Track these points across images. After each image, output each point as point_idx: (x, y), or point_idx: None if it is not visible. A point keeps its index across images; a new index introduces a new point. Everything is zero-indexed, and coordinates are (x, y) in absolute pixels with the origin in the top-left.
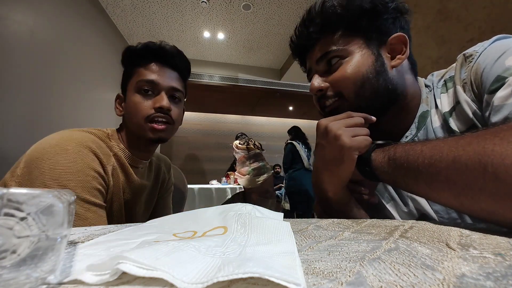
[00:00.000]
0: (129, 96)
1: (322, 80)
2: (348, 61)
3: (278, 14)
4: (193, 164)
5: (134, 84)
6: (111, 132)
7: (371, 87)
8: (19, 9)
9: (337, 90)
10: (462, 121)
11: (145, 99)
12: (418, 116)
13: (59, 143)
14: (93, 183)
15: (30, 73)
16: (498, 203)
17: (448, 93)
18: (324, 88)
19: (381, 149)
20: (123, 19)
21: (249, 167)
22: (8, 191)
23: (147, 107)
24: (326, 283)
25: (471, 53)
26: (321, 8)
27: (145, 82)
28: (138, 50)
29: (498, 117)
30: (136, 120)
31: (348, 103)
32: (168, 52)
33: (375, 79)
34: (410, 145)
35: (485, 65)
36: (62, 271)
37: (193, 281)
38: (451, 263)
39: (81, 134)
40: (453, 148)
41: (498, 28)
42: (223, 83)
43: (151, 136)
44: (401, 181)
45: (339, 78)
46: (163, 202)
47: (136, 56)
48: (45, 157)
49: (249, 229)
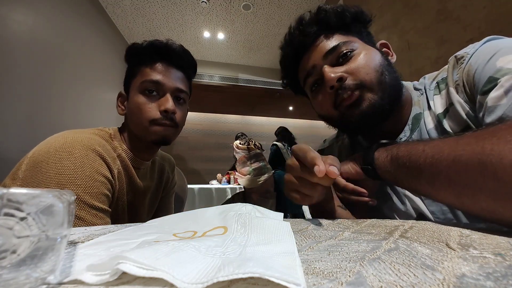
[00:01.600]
0: (133, 96)
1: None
2: (360, 52)
3: (278, 14)
4: (193, 164)
5: (138, 84)
6: (113, 132)
7: (389, 75)
8: (19, 9)
9: (358, 79)
10: (456, 122)
11: (150, 101)
12: (412, 118)
13: (64, 147)
14: (101, 188)
15: (30, 73)
16: (498, 203)
17: (441, 95)
18: (344, 77)
19: (384, 148)
20: (123, 19)
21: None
22: (8, 191)
23: (152, 110)
24: (326, 283)
25: (462, 55)
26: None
27: (150, 82)
28: (144, 48)
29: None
30: (140, 122)
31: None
32: (175, 51)
33: (390, 68)
34: (412, 145)
35: (476, 66)
36: (62, 271)
37: (193, 281)
38: (451, 263)
39: (86, 136)
40: (453, 148)
41: (498, 28)
42: (223, 83)
43: (154, 139)
44: (403, 180)
45: (359, 66)
46: (165, 202)
47: (142, 54)
48: (50, 161)
49: (249, 229)
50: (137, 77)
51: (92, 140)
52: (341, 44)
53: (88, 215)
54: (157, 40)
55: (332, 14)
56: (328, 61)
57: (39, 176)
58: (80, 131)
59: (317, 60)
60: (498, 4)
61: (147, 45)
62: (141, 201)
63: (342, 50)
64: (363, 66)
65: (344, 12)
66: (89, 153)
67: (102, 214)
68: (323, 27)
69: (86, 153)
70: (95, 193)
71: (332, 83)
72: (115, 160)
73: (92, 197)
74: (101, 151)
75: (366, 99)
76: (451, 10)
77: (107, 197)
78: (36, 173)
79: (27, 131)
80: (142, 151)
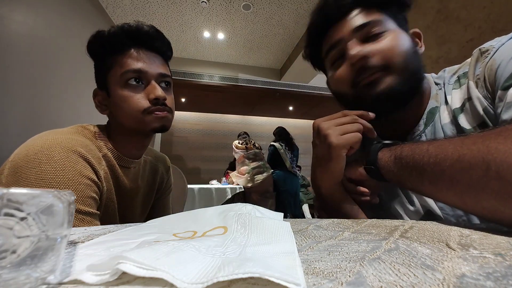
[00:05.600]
0: (115, 91)
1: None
2: (390, 34)
3: (278, 14)
4: (193, 164)
5: (118, 77)
6: (97, 130)
7: (415, 61)
8: (19, 10)
9: (386, 59)
10: (472, 118)
11: (136, 92)
12: (427, 112)
13: (43, 150)
14: (86, 191)
15: (30, 73)
16: (500, 202)
17: (461, 89)
18: (371, 56)
19: (388, 149)
20: (123, 19)
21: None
22: (8, 191)
23: (141, 100)
24: (326, 283)
25: (487, 48)
26: None
27: (132, 72)
28: (113, 35)
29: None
30: (132, 115)
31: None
32: (149, 34)
33: (417, 55)
34: (416, 145)
35: (500, 61)
36: (62, 271)
37: (193, 281)
38: (451, 263)
39: (66, 137)
40: (458, 147)
41: (498, 28)
42: (223, 83)
43: (154, 126)
44: (406, 180)
45: (387, 47)
46: (162, 203)
47: (111, 42)
48: (30, 166)
49: (249, 229)
50: (113, 69)
51: (73, 140)
52: (373, 22)
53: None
54: (125, 23)
55: None
56: (357, 37)
57: (21, 182)
58: (60, 131)
59: (345, 33)
60: (498, 4)
61: (116, 30)
62: (131, 202)
63: (374, 28)
64: (391, 48)
65: None
66: (70, 154)
67: (90, 218)
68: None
69: (67, 155)
70: (80, 197)
71: (355, 60)
72: (100, 161)
73: (77, 201)
74: (83, 152)
75: (385, 81)
76: (451, 10)
77: (94, 200)
78: (17, 179)
79: (27, 131)
80: (130, 148)
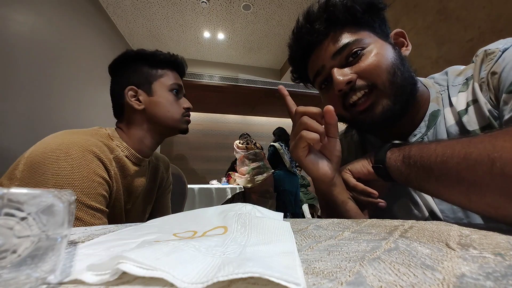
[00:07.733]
0: (161, 93)
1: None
2: (371, 50)
3: (278, 14)
4: (193, 164)
5: (167, 84)
6: (111, 132)
7: (401, 74)
8: (20, 10)
9: (369, 80)
10: (477, 120)
11: (177, 99)
12: (429, 115)
13: (61, 147)
14: (98, 189)
15: (31, 73)
16: (504, 198)
17: (468, 92)
18: (354, 80)
19: (397, 148)
20: (123, 19)
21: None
22: (8, 191)
23: (179, 106)
24: (326, 283)
25: (493, 50)
26: (325, 5)
27: (177, 85)
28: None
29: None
30: (173, 114)
31: (383, 94)
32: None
33: (402, 66)
34: (425, 144)
35: (505, 64)
36: (62, 271)
37: (193, 281)
38: (451, 263)
39: (83, 138)
40: (465, 146)
41: (498, 28)
42: (223, 83)
43: (184, 128)
44: (413, 179)
45: (370, 66)
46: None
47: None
48: (47, 162)
49: (249, 229)
50: (163, 77)
51: (89, 141)
52: (351, 43)
53: (86, 216)
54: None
55: (341, 9)
56: (337, 61)
57: (37, 177)
58: (76, 131)
59: (325, 60)
60: (498, 4)
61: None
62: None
63: (352, 49)
64: (374, 66)
65: (353, 5)
66: (86, 154)
67: (100, 214)
68: (332, 24)
69: (83, 154)
70: (92, 194)
71: (341, 86)
72: (111, 162)
73: (89, 197)
74: (98, 152)
75: (379, 104)
76: (451, 10)
77: (104, 198)
78: (33, 174)
79: (27, 131)
80: (145, 146)
